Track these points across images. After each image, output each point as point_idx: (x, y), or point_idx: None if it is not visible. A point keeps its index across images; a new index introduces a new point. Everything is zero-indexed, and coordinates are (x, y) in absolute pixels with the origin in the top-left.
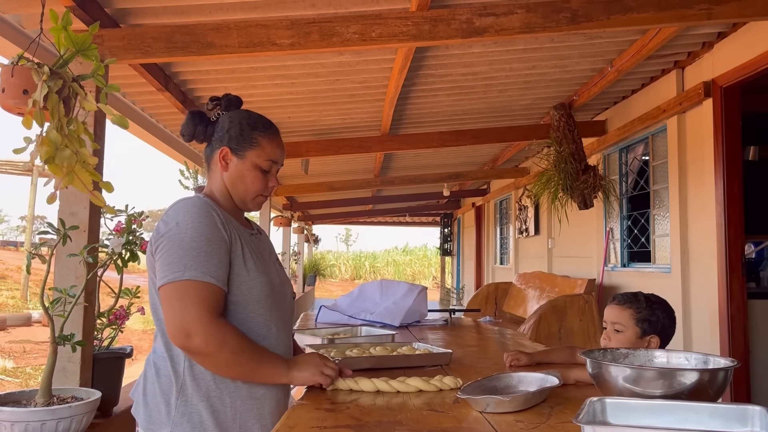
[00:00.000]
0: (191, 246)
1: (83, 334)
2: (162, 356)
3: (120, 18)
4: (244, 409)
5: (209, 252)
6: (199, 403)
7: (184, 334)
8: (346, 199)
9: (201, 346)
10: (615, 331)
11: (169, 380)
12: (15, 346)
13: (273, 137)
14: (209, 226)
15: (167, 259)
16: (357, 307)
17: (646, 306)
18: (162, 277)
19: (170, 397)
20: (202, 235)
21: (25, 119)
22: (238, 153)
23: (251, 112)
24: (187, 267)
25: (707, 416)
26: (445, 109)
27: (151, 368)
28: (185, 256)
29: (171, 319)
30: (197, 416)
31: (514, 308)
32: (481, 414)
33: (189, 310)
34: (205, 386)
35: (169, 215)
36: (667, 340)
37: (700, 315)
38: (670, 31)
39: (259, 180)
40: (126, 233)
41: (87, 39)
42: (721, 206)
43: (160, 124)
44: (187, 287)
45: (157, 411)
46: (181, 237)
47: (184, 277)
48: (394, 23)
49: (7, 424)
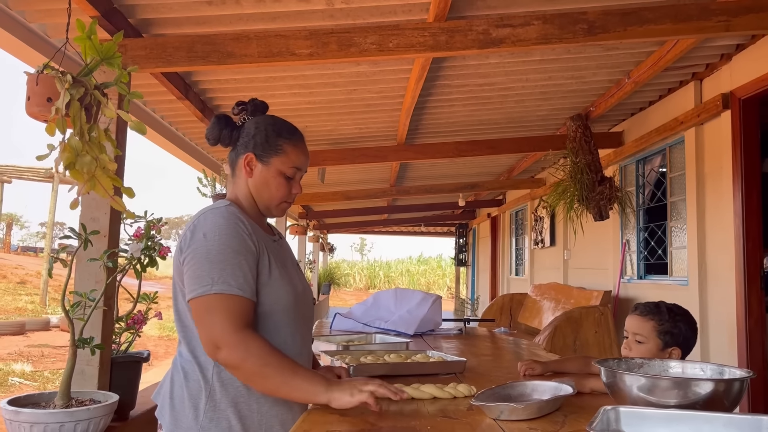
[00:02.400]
0: (218, 259)
1: (102, 337)
2: (189, 361)
3: (143, 28)
4: (270, 414)
5: (236, 264)
6: (228, 408)
7: (213, 346)
8: (361, 209)
9: (227, 358)
10: (636, 342)
11: (198, 385)
12: (33, 350)
13: (298, 144)
14: (236, 237)
15: (195, 272)
16: (371, 315)
17: (669, 318)
18: (191, 291)
19: (199, 402)
20: (229, 248)
21: (48, 126)
22: (263, 159)
23: (277, 118)
24: (215, 281)
25: (722, 427)
26: (461, 120)
27: (179, 372)
28: (213, 269)
29: (202, 334)
30: (225, 421)
31: (529, 319)
32: (494, 421)
33: (216, 324)
34: (234, 392)
35: (197, 226)
36: (688, 351)
37: (718, 328)
38: (687, 43)
39: (284, 187)
40: (145, 239)
41: (112, 48)
42: (739, 219)
43: (180, 132)
44: (215, 301)
45: (185, 415)
46: (208, 249)
47: (212, 291)
48: (412, 34)
49: (27, 426)
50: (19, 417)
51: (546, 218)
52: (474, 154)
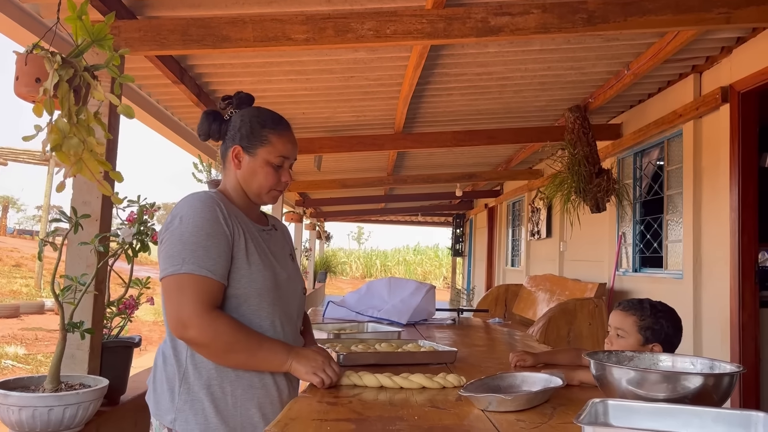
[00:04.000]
0: (191, 241)
1: (93, 322)
2: (168, 345)
3: (137, 10)
4: (245, 398)
5: (208, 247)
6: (201, 390)
7: (181, 325)
8: (358, 197)
9: (196, 336)
10: (618, 336)
11: (173, 368)
12: (27, 333)
13: (283, 133)
14: (210, 221)
15: (168, 252)
16: (365, 304)
17: (651, 314)
18: (162, 270)
19: (174, 385)
20: (202, 230)
21: (35, 107)
22: (249, 151)
23: (261, 109)
24: (185, 261)
25: (711, 421)
26: (459, 109)
27: (160, 356)
28: (184, 250)
29: (169, 311)
30: (199, 404)
31: (524, 310)
32: (482, 412)
33: (185, 302)
34: (207, 374)
35: (175, 210)
36: (671, 349)
37: (711, 322)
38: (688, 35)
39: (272, 176)
40: (137, 223)
41: (103, 29)
42: (735, 213)
43: (176, 116)
44: (184, 280)
45: (163, 398)
46: (182, 231)
47: (182, 270)
48: (410, 21)
49: (15, 409)
50: (7, 400)
51: (543, 210)
52: (472, 144)
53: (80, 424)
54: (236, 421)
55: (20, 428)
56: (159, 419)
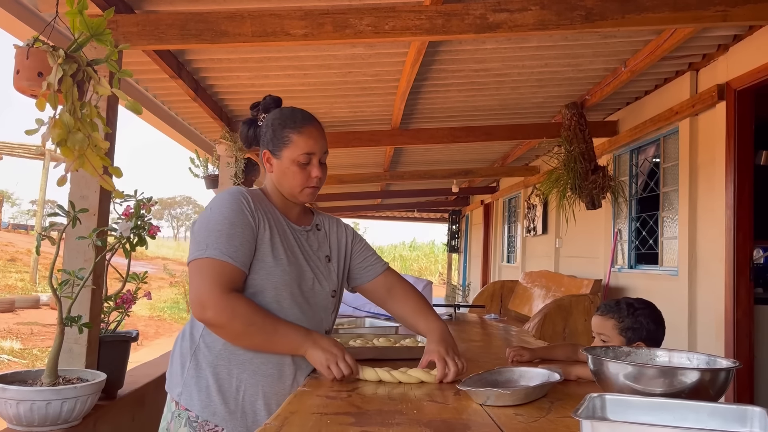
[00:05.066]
0: (215, 228)
1: (90, 316)
2: (188, 323)
3: (135, 4)
4: (249, 383)
5: (231, 234)
6: (207, 368)
7: (200, 306)
8: (354, 193)
9: (213, 317)
10: (602, 341)
11: (188, 344)
12: (23, 327)
13: (304, 130)
14: (235, 211)
15: (195, 239)
16: (361, 299)
17: (628, 314)
18: (190, 255)
19: (186, 360)
20: (227, 219)
21: (38, 101)
22: (275, 154)
23: (284, 110)
24: (209, 246)
25: (707, 416)
26: (456, 105)
27: (180, 334)
28: (209, 236)
29: (191, 293)
30: (204, 381)
31: (520, 306)
32: (481, 406)
33: (204, 284)
34: (216, 354)
35: (209, 203)
36: (656, 344)
37: (706, 319)
38: (685, 32)
39: (300, 174)
40: (134, 218)
41: (102, 24)
42: (730, 210)
43: (172, 111)
44: (206, 264)
45: (175, 371)
46: (208, 220)
47: (204, 255)
48: (408, 17)
49: (13, 403)
50: (5, 394)
51: (539, 206)
52: (468, 140)
53: (78, 418)
54: (236, 405)
55: (18, 422)
56: (170, 391)
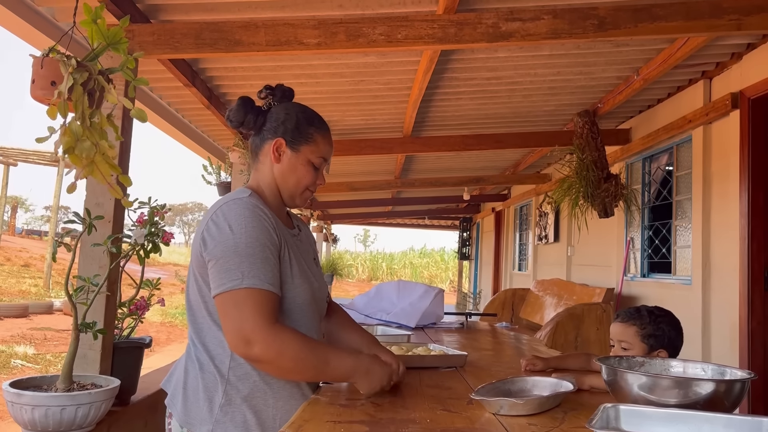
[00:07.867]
0: (247, 252)
1: (105, 322)
2: (202, 352)
3: (151, 14)
4: (284, 409)
5: (265, 258)
6: (243, 403)
7: (243, 342)
8: (365, 200)
9: (261, 354)
10: (622, 348)
11: (214, 378)
12: (36, 333)
13: (326, 135)
14: (263, 230)
15: (224, 266)
16: (373, 307)
17: (650, 321)
18: (219, 285)
19: (214, 395)
20: (257, 241)
21: (49, 109)
22: (292, 146)
23: (307, 107)
24: (245, 275)
25: (722, 427)
26: (468, 113)
27: (194, 363)
28: (242, 263)
29: (229, 328)
30: (240, 415)
31: (531, 315)
32: (494, 416)
33: (247, 318)
34: (251, 386)
35: (220, 217)
36: (675, 352)
37: (720, 328)
38: (698, 41)
39: (310, 175)
40: (148, 225)
41: (118, 33)
42: (745, 219)
43: (186, 119)
44: (244, 295)
45: (198, 407)
46: (236, 243)
47: (242, 285)
48: (421, 26)
49: (28, 408)
50: (20, 399)
51: (550, 214)
52: (480, 147)
53: (92, 424)
54: None
55: (33, 427)
56: (188, 427)
